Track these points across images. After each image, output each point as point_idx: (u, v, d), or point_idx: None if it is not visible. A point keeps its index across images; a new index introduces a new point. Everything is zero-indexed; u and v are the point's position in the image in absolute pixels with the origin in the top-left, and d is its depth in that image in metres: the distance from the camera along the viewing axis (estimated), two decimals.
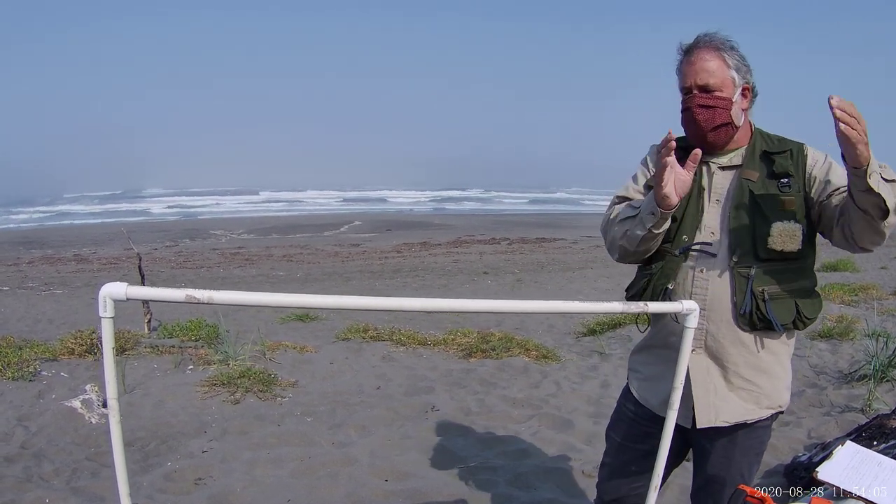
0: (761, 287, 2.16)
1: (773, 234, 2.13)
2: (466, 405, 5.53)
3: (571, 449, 4.64)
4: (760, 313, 2.16)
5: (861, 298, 9.48)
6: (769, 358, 2.27)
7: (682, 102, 2.25)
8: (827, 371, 6.03)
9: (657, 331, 2.41)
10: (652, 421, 2.39)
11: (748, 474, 2.36)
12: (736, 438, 2.31)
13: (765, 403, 2.29)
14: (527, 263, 19.31)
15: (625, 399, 2.57)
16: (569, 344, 7.97)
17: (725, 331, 2.22)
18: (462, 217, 45.00)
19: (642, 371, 2.48)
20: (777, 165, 2.20)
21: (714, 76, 2.17)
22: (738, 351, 2.24)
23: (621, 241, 2.27)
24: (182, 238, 29.96)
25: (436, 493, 3.99)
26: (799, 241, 2.15)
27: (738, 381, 2.26)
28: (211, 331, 7.25)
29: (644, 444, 2.43)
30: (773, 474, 4.05)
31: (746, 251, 2.17)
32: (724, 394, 2.26)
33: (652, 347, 2.44)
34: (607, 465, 2.63)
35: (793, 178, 2.18)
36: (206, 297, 1.29)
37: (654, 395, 2.39)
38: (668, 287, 2.26)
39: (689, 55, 2.21)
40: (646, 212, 2.17)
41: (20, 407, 5.11)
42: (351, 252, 23.84)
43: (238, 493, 3.93)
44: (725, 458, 2.33)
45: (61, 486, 3.98)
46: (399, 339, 7.46)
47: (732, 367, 2.25)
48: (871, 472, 1.98)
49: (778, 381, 2.30)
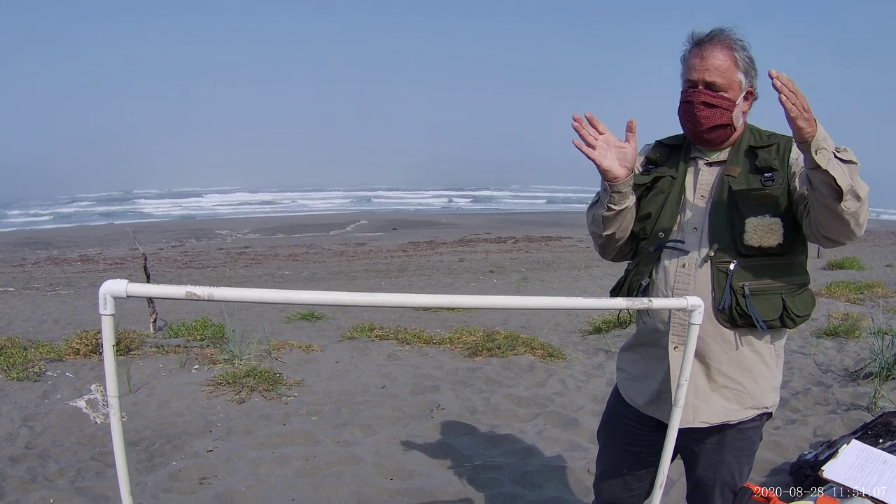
0: (741, 282, 2.13)
1: (747, 229, 2.11)
2: (472, 404, 5.52)
3: (577, 447, 4.63)
4: (740, 309, 2.13)
5: (866, 296, 9.46)
6: (752, 356, 2.22)
7: (683, 94, 2.22)
8: (832, 369, 6.01)
9: (640, 328, 2.39)
10: (638, 421, 2.39)
11: (739, 476, 2.31)
12: (724, 440, 2.27)
13: (749, 404, 2.24)
14: (533, 262, 19.30)
15: (614, 398, 2.56)
16: (574, 342, 7.96)
17: (707, 327, 2.16)
18: (468, 216, 45.04)
19: (628, 370, 2.46)
20: (760, 160, 2.17)
21: (723, 76, 2.15)
22: (721, 348, 2.20)
23: (592, 228, 2.35)
24: (188, 238, 30.02)
25: (441, 491, 3.98)
26: (779, 236, 2.11)
27: (722, 380, 2.22)
28: (216, 330, 7.26)
29: (634, 447, 2.42)
30: (779, 472, 4.03)
31: (725, 246, 2.15)
32: (706, 393, 2.22)
33: (638, 346, 2.42)
34: (599, 466, 2.62)
35: (777, 173, 2.15)
36: (207, 293, 1.28)
37: (640, 395, 2.37)
38: (641, 283, 2.27)
39: (701, 48, 2.17)
40: (601, 191, 2.25)
41: (25, 407, 5.12)
42: (357, 251, 23.86)
43: (243, 493, 3.92)
44: (715, 460, 2.29)
45: (66, 486, 3.98)
46: (405, 337, 7.46)
47: (716, 365, 2.21)
48: (876, 470, 1.97)
49: (763, 381, 2.25)
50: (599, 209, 2.26)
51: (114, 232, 32.06)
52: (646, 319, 2.33)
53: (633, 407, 2.40)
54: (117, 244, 26.72)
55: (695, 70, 2.17)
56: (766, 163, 2.16)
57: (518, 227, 34.13)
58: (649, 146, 2.44)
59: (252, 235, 31.77)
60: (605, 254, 2.43)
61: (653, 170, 2.33)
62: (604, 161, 2.14)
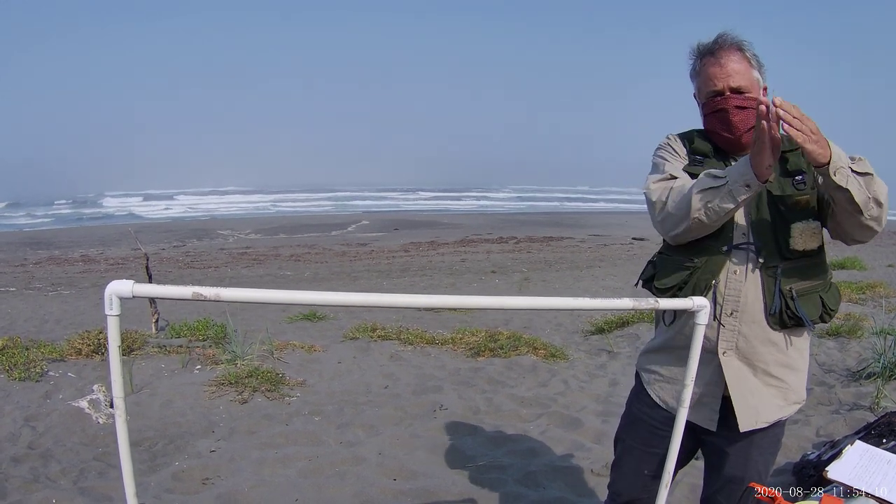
0: (788, 286, 2.15)
1: (793, 234, 2.12)
2: (475, 404, 5.51)
3: (580, 448, 4.62)
4: (790, 311, 2.14)
5: (868, 296, 9.44)
6: (795, 354, 2.25)
7: (709, 105, 2.22)
8: (835, 369, 6.00)
9: (684, 329, 2.29)
10: (665, 423, 2.33)
11: (765, 473, 2.34)
12: (754, 438, 2.27)
13: (792, 399, 2.27)
14: (534, 262, 19.28)
15: (637, 401, 2.51)
16: (577, 342, 7.95)
17: (757, 331, 2.18)
18: (469, 216, 45.00)
19: (661, 373, 2.40)
20: (790, 163, 2.18)
21: (745, 77, 2.17)
22: (768, 350, 2.21)
23: (698, 214, 2.09)
24: (189, 238, 30.01)
25: (444, 492, 3.98)
26: (819, 239, 2.15)
27: (768, 380, 2.23)
28: (219, 330, 7.26)
29: (659, 448, 2.36)
30: (782, 472, 4.02)
31: (771, 251, 2.15)
32: (761, 394, 2.24)
33: (674, 348, 2.35)
34: (620, 468, 2.58)
35: (806, 175, 2.16)
36: (213, 294, 1.28)
37: (676, 397, 2.33)
38: (713, 283, 2.20)
39: (716, 56, 2.18)
40: (738, 183, 2.01)
41: (27, 407, 5.12)
42: (358, 251, 23.84)
43: (246, 493, 3.92)
44: (744, 457, 2.30)
45: (68, 486, 3.98)
46: (407, 338, 7.46)
47: (762, 367, 2.22)
48: (880, 470, 1.97)
49: (802, 375, 2.30)
50: (726, 201, 2.03)
51: (115, 232, 32.05)
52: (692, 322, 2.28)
53: (663, 409, 2.38)
54: (119, 244, 26.71)
55: (717, 79, 2.18)
56: (797, 166, 2.17)
57: (519, 228, 34.10)
58: (685, 136, 2.38)
59: (254, 235, 31.75)
60: (683, 235, 2.21)
61: (705, 161, 2.29)
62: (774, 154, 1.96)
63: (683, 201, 2.13)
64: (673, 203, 2.18)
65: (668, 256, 2.31)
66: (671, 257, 2.29)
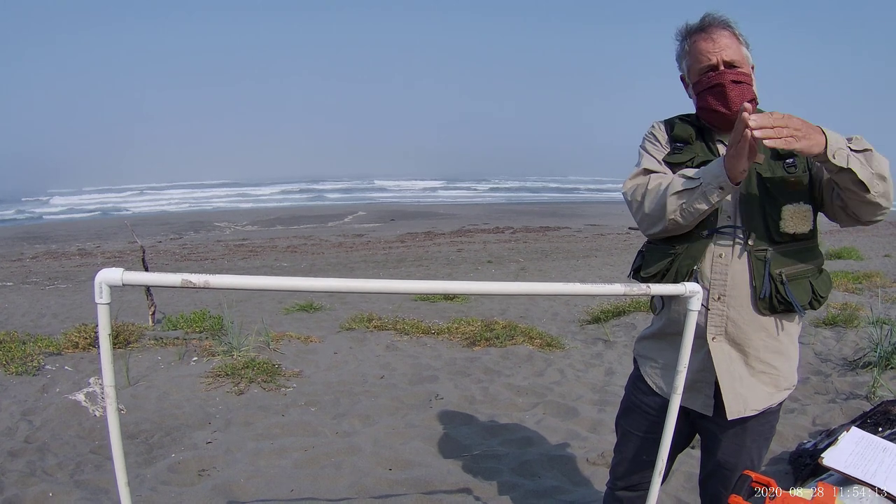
0: (778, 269, 2.13)
1: (784, 217, 2.10)
2: (471, 394, 5.52)
3: (576, 437, 4.63)
4: (780, 296, 2.13)
5: (865, 286, 9.47)
6: (786, 340, 2.24)
7: (703, 82, 2.19)
8: (831, 358, 6.01)
9: (672, 317, 2.31)
10: (663, 409, 2.33)
11: (758, 459, 2.33)
12: (747, 424, 2.27)
13: (783, 385, 2.26)
14: (531, 252, 19.30)
15: (635, 388, 2.51)
16: (573, 332, 7.96)
17: (746, 316, 2.17)
18: (466, 206, 45.04)
19: (656, 358, 2.40)
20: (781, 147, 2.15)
21: (736, 52, 2.15)
22: (758, 336, 2.20)
23: (674, 216, 2.12)
24: (186, 230, 30.00)
25: (440, 481, 3.98)
26: (811, 222, 2.12)
27: (759, 366, 2.22)
28: (215, 322, 7.26)
29: (657, 434, 2.37)
30: (779, 461, 4.03)
31: (761, 235, 2.13)
32: (749, 381, 2.22)
33: (668, 335, 2.35)
34: (620, 454, 2.59)
35: (797, 158, 2.15)
36: (203, 281, 1.28)
37: (671, 383, 2.34)
38: (693, 268, 2.19)
39: (706, 32, 2.16)
40: (712, 185, 2.03)
41: (24, 401, 5.12)
42: (355, 242, 23.85)
43: (242, 484, 3.93)
44: (737, 444, 2.30)
45: (65, 479, 3.98)
46: (403, 328, 7.46)
47: (753, 353, 2.21)
48: (876, 457, 1.96)
49: (793, 362, 2.29)
50: (700, 202, 2.06)
51: (112, 225, 32.02)
52: (679, 308, 2.27)
53: (660, 395, 2.37)
54: (115, 237, 26.69)
55: (709, 53, 2.15)
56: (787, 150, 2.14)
57: (516, 218, 34.13)
58: (668, 122, 2.36)
59: (250, 227, 31.75)
60: (660, 235, 2.23)
61: (684, 148, 2.27)
62: (750, 158, 1.97)
63: (659, 203, 2.15)
64: (650, 205, 2.19)
65: (655, 245, 2.31)
66: (657, 246, 2.29)
